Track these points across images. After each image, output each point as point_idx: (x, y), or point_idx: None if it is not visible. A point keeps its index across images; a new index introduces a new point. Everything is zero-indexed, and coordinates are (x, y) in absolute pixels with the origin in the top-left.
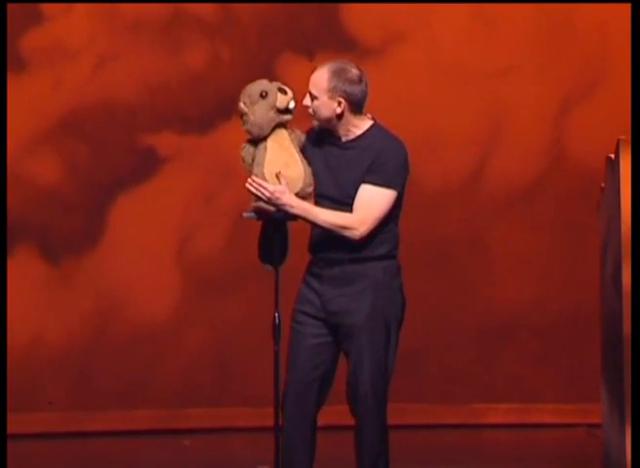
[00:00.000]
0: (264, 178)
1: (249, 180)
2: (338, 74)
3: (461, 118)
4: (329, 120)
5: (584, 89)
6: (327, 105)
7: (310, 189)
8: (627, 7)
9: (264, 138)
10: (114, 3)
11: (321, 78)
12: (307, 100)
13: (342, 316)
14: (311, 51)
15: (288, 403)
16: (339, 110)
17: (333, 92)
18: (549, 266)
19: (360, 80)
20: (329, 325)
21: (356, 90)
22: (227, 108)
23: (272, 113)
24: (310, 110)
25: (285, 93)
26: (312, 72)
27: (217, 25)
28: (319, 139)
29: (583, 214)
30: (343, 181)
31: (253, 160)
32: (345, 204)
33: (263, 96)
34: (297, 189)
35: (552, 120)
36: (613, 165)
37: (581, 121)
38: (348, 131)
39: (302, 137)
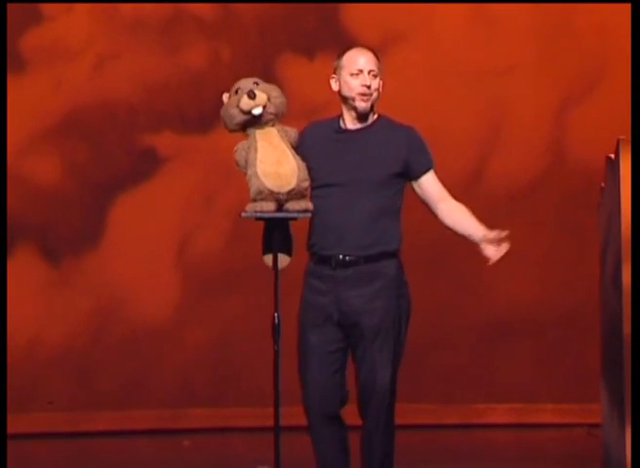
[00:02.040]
0: (258, 178)
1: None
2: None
3: (461, 118)
4: (376, 100)
5: (584, 89)
6: (380, 83)
7: (306, 184)
8: (627, 7)
9: (254, 139)
10: (114, 3)
11: (375, 57)
12: (369, 80)
13: (359, 316)
14: (311, 51)
15: (313, 405)
16: (380, 88)
17: (380, 71)
18: (549, 266)
19: None
20: (342, 325)
21: None
22: None
23: (236, 111)
24: (372, 89)
25: (252, 97)
26: (361, 54)
27: (217, 25)
28: (321, 135)
29: (583, 214)
30: (367, 166)
31: (246, 162)
32: (362, 189)
33: (236, 92)
34: (292, 185)
35: (552, 120)
36: (613, 165)
37: (581, 121)
38: (369, 115)
39: (292, 134)
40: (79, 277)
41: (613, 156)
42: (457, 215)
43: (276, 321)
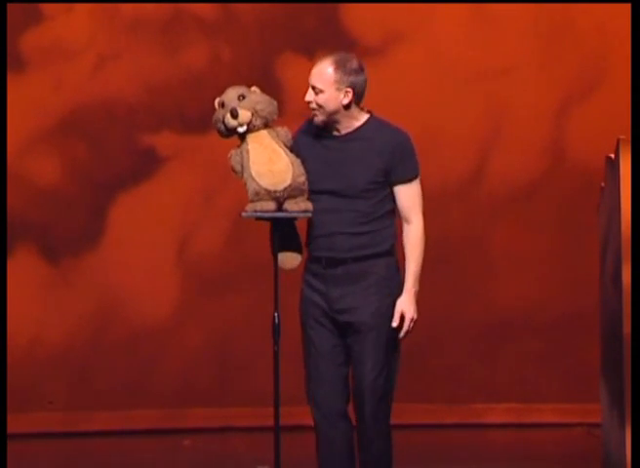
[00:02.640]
0: (253, 180)
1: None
2: (343, 65)
3: (461, 118)
4: (334, 113)
5: (584, 89)
6: (334, 97)
7: (302, 179)
8: (627, 7)
9: (245, 143)
10: (114, 3)
11: (325, 70)
12: (310, 96)
13: (350, 313)
14: (311, 51)
15: (319, 400)
16: (345, 101)
17: (339, 83)
18: (549, 266)
19: (362, 69)
20: (338, 323)
21: (360, 79)
22: None
23: (222, 126)
24: (313, 105)
25: (235, 117)
26: (313, 66)
27: (217, 25)
28: (313, 136)
29: (583, 214)
30: (350, 174)
31: (242, 166)
32: (348, 196)
33: (222, 105)
34: (287, 181)
35: (552, 120)
36: (613, 165)
37: (581, 121)
38: (350, 123)
39: (283, 133)
40: (79, 277)
41: (613, 156)
42: (405, 249)
43: (276, 321)
